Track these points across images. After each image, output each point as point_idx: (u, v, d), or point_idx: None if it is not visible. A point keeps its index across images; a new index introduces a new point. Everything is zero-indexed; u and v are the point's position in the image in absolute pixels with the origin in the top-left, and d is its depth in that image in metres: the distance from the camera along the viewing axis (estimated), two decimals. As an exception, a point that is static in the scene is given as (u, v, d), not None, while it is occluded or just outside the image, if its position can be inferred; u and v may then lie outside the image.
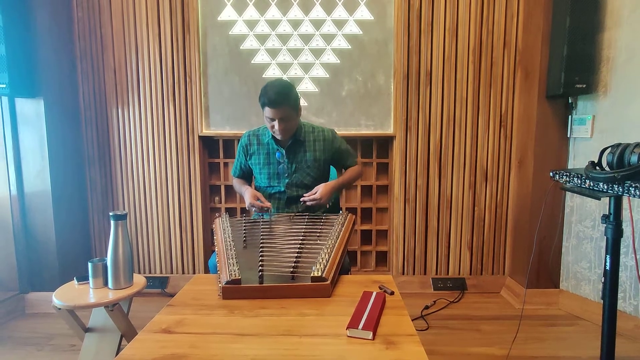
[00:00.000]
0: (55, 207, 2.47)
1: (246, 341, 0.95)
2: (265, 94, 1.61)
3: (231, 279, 1.15)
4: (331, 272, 1.21)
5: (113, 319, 1.54)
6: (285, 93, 1.61)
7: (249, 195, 1.69)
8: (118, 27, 2.60)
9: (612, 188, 1.19)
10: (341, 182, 1.80)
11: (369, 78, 2.64)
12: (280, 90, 1.60)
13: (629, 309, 2.11)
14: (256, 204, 1.64)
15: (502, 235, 2.72)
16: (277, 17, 2.60)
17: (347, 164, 1.91)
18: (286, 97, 1.62)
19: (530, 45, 2.44)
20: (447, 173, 2.67)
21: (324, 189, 1.67)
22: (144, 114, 2.66)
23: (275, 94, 1.59)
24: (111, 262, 1.53)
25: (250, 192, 1.71)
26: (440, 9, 2.54)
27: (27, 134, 2.42)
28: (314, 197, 1.65)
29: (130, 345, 0.95)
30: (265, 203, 1.66)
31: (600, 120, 2.23)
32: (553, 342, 2.08)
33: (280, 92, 1.60)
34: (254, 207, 1.66)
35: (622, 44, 2.10)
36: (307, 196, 1.67)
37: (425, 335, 2.15)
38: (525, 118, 2.51)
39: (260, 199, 1.67)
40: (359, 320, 0.98)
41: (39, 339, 2.15)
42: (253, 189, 1.76)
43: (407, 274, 2.75)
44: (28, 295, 2.50)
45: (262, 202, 1.66)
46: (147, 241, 2.77)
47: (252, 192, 1.70)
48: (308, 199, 1.66)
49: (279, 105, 1.61)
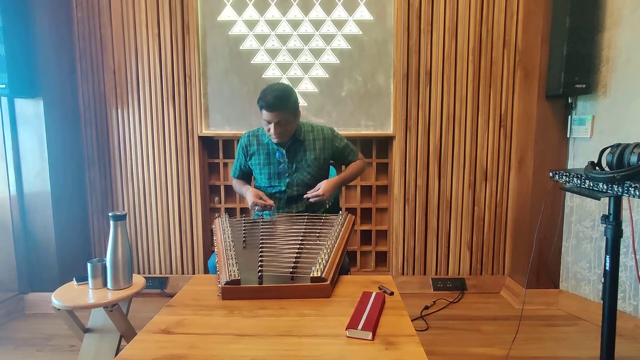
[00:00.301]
0: (54, 208, 2.47)
1: (246, 342, 0.95)
2: (263, 97, 1.62)
3: (231, 279, 1.15)
4: (331, 273, 1.21)
5: (112, 320, 1.54)
6: (283, 97, 1.62)
7: (251, 194, 1.69)
8: (118, 27, 2.60)
9: (611, 188, 1.19)
10: (343, 178, 1.81)
11: (369, 78, 2.64)
12: (278, 95, 1.61)
13: (629, 309, 2.11)
14: (259, 202, 1.65)
15: (502, 235, 2.72)
16: (276, 17, 2.59)
17: (349, 159, 1.92)
18: (284, 102, 1.62)
19: (530, 44, 2.44)
20: (447, 173, 2.67)
21: (326, 185, 1.70)
22: (143, 114, 2.66)
23: (273, 98, 1.60)
24: (110, 263, 1.53)
25: (252, 190, 1.72)
26: (440, 8, 2.54)
27: (27, 135, 2.42)
28: (317, 193, 1.67)
29: (130, 345, 0.94)
30: (267, 201, 1.67)
31: (599, 120, 2.23)
32: (553, 343, 2.08)
33: (278, 97, 1.61)
34: (257, 206, 1.66)
35: (622, 44, 2.10)
36: (310, 193, 1.69)
37: (425, 335, 2.15)
38: (525, 118, 2.51)
39: (262, 198, 1.68)
40: (358, 320, 0.98)
41: (38, 339, 2.15)
42: (254, 189, 1.76)
43: (406, 274, 2.75)
44: (27, 296, 2.50)
45: (265, 200, 1.67)
46: (147, 241, 2.77)
47: (254, 191, 1.71)
48: (311, 196, 1.68)
49: (275, 109, 1.61)
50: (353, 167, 1.89)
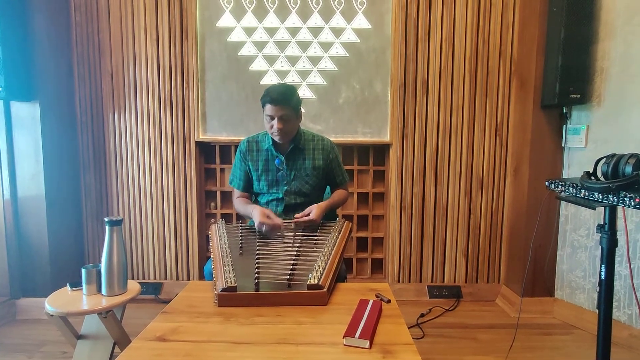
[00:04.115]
0: (49, 212, 2.45)
1: (242, 349, 0.94)
2: (267, 93, 1.64)
3: (227, 286, 1.15)
4: (327, 280, 1.20)
5: (106, 326, 1.52)
6: (287, 93, 1.65)
7: (257, 214, 1.57)
8: (116, 31, 2.60)
9: (607, 198, 1.20)
10: (332, 203, 1.79)
11: (366, 86, 2.65)
12: (283, 91, 1.64)
13: (624, 318, 2.12)
14: (267, 222, 1.53)
15: (498, 243, 2.73)
16: (275, 24, 2.61)
17: (337, 181, 1.90)
18: (288, 97, 1.64)
19: (526, 55, 2.47)
20: (443, 181, 2.68)
21: (317, 210, 1.61)
22: (140, 118, 2.65)
23: (277, 93, 1.63)
24: (105, 269, 1.51)
25: (259, 209, 1.59)
26: (437, 18, 2.57)
27: (22, 138, 2.40)
28: (309, 218, 1.60)
29: (124, 353, 0.93)
30: (275, 220, 1.56)
31: (594, 130, 2.25)
32: (549, 351, 2.08)
33: (283, 92, 1.64)
34: (265, 226, 1.54)
35: (616, 54, 2.13)
36: (299, 217, 1.61)
37: (421, 343, 2.14)
38: (521, 127, 2.53)
39: (270, 216, 1.57)
40: (355, 328, 0.97)
41: (29, 345, 2.12)
42: (261, 207, 1.64)
43: (402, 281, 2.75)
44: (19, 301, 2.46)
45: (273, 220, 1.55)
46: (142, 247, 2.75)
47: (261, 210, 1.59)
48: (302, 221, 1.60)
49: (280, 103, 1.62)
50: (341, 195, 1.87)
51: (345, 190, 1.92)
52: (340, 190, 1.90)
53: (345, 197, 1.91)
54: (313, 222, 1.62)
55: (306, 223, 1.61)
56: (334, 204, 1.83)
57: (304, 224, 1.61)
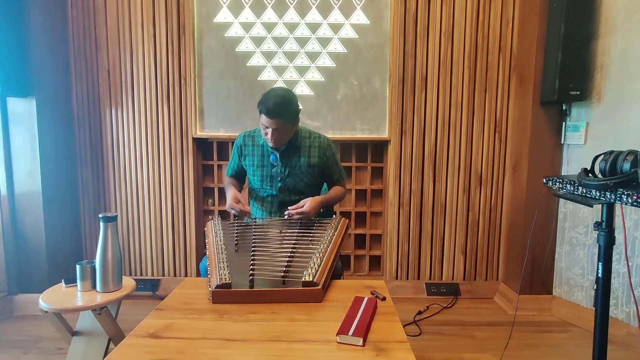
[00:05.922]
0: (45, 208, 2.44)
1: (235, 347, 0.93)
2: (264, 102, 1.60)
3: (221, 282, 1.14)
4: (322, 277, 1.20)
5: (101, 323, 1.51)
6: (283, 105, 1.60)
7: (230, 197, 1.68)
8: (113, 27, 2.59)
9: (604, 195, 1.19)
10: (327, 199, 1.77)
11: (365, 82, 2.63)
12: (279, 102, 1.59)
13: (621, 315, 2.11)
14: (235, 207, 1.62)
15: (496, 240, 2.72)
16: (273, 19, 2.59)
17: (334, 178, 1.89)
18: (284, 110, 1.60)
19: (525, 51, 2.45)
20: (442, 177, 2.67)
21: (311, 203, 1.62)
22: (137, 114, 2.64)
23: (274, 104, 1.58)
24: (100, 265, 1.50)
25: (232, 193, 1.69)
26: (436, 13, 2.55)
27: (19, 134, 2.39)
28: (302, 210, 1.60)
29: (117, 350, 0.93)
30: (245, 208, 1.62)
31: (593, 127, 2.24)
32: (546, 349, 2.08)
33: (279, 104, 1.59)
34: (233, 210, 1.63)
35: (616, 51, 2.11)
36: (293, 209, 1.61)
37: (418, 341, 2.14)
38: (520, 123, 2.52)
39: (240, 202, 1.64)
40: (349, 326, 0.97)
41: (25, 341, 2.12)
42: (236, 192, 1.73)
43: (400, 278, 2.74)
44: (16, 297, 2.46)
45: (242, 206, 1.62)
46: (139, 243, 2.74)
47: (234, 194, 1.68)
48: (294, 212, 1.60)
49: (275, 117, 1.59)
50: (337, 191, 1.86)
51: (342, 187, 1.91)
52: (337, 186, 1.90)
53: (342, 194, 1.90)
54: (307, 215, 1.61)
55: (299, 215, 1.61)
56: (330, 200, 1.82)
57: (298, 216, 1.61)
